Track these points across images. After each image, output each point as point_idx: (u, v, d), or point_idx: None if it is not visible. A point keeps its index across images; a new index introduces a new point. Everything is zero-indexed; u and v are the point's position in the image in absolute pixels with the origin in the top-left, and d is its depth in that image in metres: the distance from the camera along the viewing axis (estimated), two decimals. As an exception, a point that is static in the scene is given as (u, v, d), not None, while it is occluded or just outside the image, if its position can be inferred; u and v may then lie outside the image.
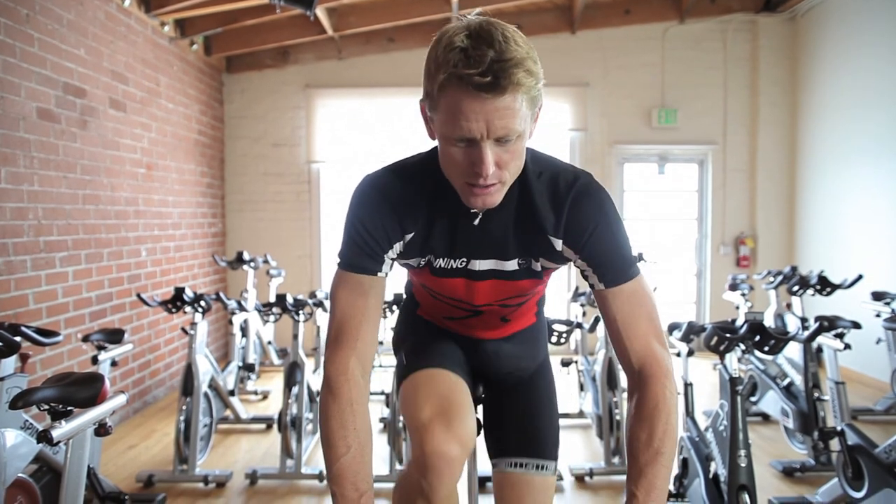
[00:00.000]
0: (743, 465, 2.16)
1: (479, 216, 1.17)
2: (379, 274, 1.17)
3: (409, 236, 1.19)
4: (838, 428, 2.61)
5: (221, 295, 3.68)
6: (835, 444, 2.76)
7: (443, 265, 1.23)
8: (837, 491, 2.61)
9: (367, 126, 5.90)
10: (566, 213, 1.14)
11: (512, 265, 1.22)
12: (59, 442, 1.47)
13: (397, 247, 1.19)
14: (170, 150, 4.82)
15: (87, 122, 3.73)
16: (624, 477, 1.13)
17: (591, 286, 1.18)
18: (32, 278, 3.26)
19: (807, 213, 5.77)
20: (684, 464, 2.71)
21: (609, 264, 1.15)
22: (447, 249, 1.21)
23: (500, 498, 1.42)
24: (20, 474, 2.14)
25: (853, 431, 2.54)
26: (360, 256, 1.16)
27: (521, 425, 1.45)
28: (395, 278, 1.46)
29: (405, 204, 1.16)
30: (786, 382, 3.46)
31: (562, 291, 5.69)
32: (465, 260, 1.22)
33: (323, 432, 1.11)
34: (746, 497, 2.13)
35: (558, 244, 1.17)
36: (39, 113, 3.31)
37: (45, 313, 3.34)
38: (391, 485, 3.01)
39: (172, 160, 4.87)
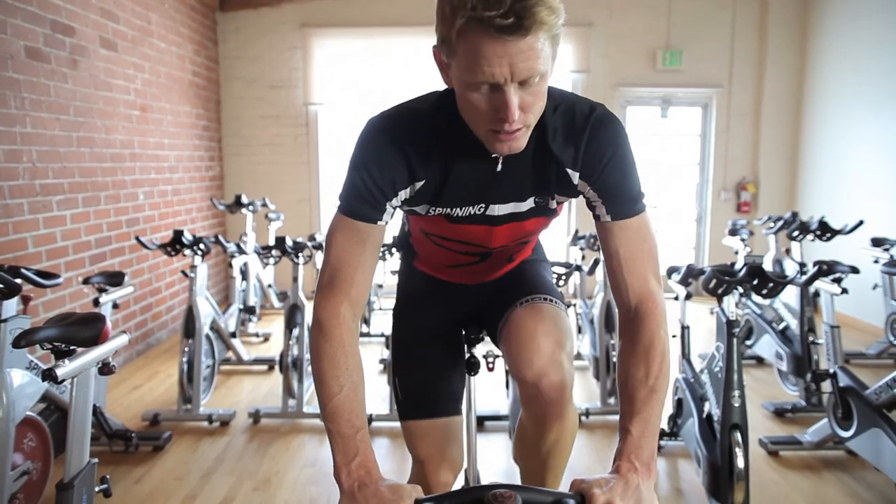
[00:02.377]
0: (736, 405, 2.21)
1: (500, 160, 1.14)
2: (379, 223, 1.15)
3: (419, 184, 1.15)
4: (831, 370, 2.65)
5: (221, 238, 3.68)
6: (826, 386, 2.81)
7: (460, 213, 1.21)
8: (826, 431, 2.68)
9: (365, 67, 5.76)
10: (584, 145, 1.12)
11: (528, 204, 1.21)
12: (63, 380, 1.49)
13: (403, 194, 1.15)
14: (164, 91, 4.73)
15: (77, 62, 3.63)
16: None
17: (597, 217, 1.17)
18: (30, 221, 3.24)
19: (810, 158, 5.71)
20: (679, 404, 2.77)
21: (619, 197, 1.14)
22: (465, 197, 1.18)
23: (513, 335, 1.33)
24: (28, 413, 2.19)
25: (845, 374, 2.59)
26: (362, 203, 1.12)
27: (520, 284, 1.47)
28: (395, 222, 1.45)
29: (416, 149, 1.12)
30: (781, 326, 3.50)
31: (561, 235, 5.68)
32: (483, 206, 1.20)
33: (315, 373, 1.11)
34: (738, 435, 2.18)
35: (575, 177, 1.15)
36: (28, 52, 3.23)
37: (44, 256, 3.34)
38: (392, 423, 3.09)
39: (167, 102, 4.78)
